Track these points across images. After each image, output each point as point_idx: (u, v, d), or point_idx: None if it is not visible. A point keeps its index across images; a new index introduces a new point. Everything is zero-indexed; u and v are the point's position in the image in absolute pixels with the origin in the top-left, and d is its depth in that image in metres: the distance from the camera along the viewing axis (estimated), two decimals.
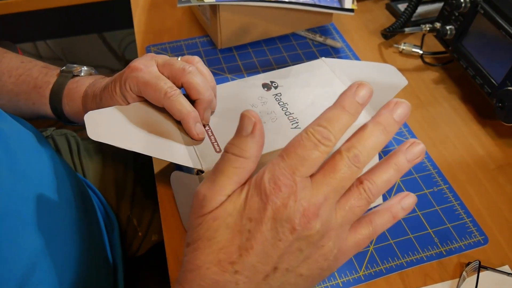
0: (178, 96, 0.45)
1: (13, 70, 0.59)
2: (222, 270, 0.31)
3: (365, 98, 0.32)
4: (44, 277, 0.43)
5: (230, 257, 0.31)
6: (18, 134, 0.48)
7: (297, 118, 0.48)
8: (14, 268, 0.40)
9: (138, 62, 0.47)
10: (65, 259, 0.47)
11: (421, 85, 0.68)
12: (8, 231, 0.40)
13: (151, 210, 0.70)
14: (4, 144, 0.43)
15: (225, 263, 0.31)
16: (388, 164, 0.33)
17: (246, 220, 0.30)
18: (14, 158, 0.44)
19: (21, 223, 0.42)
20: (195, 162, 0.44)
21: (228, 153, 0.32)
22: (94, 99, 0.52)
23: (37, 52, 1.65)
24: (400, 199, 0.35)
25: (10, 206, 0.41)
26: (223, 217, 0.31)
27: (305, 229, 0.30)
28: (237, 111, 0.49)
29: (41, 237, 0.43)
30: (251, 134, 0.32)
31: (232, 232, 0.31)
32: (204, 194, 0.32)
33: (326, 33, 0.76)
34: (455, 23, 0.64)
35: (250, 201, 0.31)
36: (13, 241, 0.40)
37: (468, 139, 0.61)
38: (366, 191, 0.32)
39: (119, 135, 0.44)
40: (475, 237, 0.51)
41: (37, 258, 0.42)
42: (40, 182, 0.47)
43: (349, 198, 0.32)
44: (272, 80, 0.52)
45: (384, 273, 0.48)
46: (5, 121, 0.47)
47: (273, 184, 0.30)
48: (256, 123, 0.32)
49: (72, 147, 0.72)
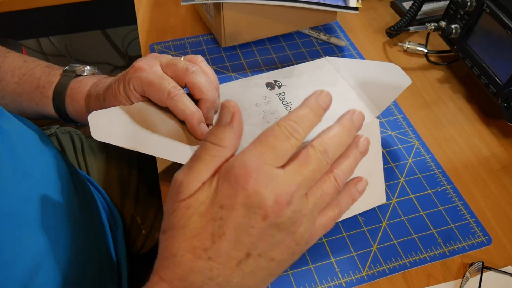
0: (182, 96, 0.45)
1: (16, 69, 0.59)
2: (196, 257, 0.31)
3: (326, 103, 0.35)
4: (48, 277, 0.43)
5: (204, 244, 0.31)
6: (21, 134, 0.48)
7: None
8: (18, 268, 0.40)
9: (142, 62, 0.47)
10: (69, 258, 0.47)
11: (426, 84, 0.68)
12: (11, 232, 0.40)
13: (155, 208, 0.70)
14: (7, 144, 0.43)
15: (199, 250, 0.31)
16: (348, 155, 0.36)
17: (218, 208, 0.31)
18: (17, 158, 0.44)
19: (25, 224, 0.42)
20: None
21: (206, 141, 0.33)
22: (97, 99, 0.52)
23: (40, 48, 1.65)
24: (356, 183, 0.38)
25: (13, 206, 0.41)
26: (195, 205, 0.32)
27: (277, 216, 0.31)
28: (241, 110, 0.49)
29: (45, 237, 0.43)
30: (229, 123, 0.33)
31: (205, 219, 0.31)
32: (181, 180, 0.33)
33: (330, 32, 0.76)
34: (461, 22, 0.64)
35: (221, 188, 0.31)
36: (16, 242, 0.40)
37: (472, 139, 0.61)
38: (336, 179, 0.35)
39: (123, 136, 0.44)
40: (478, 237, 0.51)
41: (41, 258, 0.42)
42: (43, 182, 0.47)
43: (321, 185, 0.34)
44: (275, 79, 0.52)
45: (387, 273, 0.48)
46: (8, 121, 0.47)
47: (244, 170, 0.30)
48: (234, 113, 0.33)
49: (76, 145, 0.72)
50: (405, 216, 0.52)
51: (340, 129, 0.35)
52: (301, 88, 0.51)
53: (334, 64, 0.54)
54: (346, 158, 0.36)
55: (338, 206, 0.37)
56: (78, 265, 0.48)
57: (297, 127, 0.32)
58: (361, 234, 0.50)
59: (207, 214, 0.31)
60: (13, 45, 1.37)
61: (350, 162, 0.36)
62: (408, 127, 0.61)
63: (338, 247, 0.49)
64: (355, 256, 0.49)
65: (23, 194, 0.43)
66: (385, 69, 0.54)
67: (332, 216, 0.36)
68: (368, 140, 0.38)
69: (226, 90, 0.51)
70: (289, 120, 0.33)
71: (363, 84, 0.52)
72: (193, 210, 0.32)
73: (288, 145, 0.32)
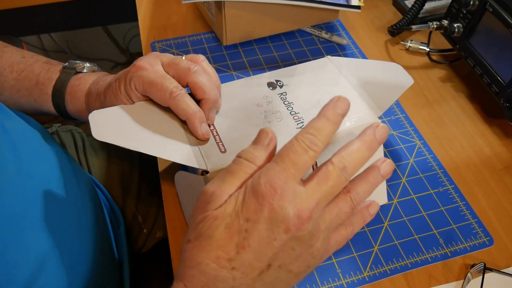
0: (184, 95, 0.45)
1: (15, 65, 0.58)
2: (221, 267, 0.33)
3: (344, 109, 0.36)
4: (52, 277, 0.43)
5: (228, 254, 0.33)
6: (23, 132, 0.48)
7: (303, 117, 0.48)
8: (21, 270, 0.40)
9: (143, 61, 0.47)
10: (73, 257, 0.47)
11: (428, 83, 0.68)
12: (15, 232, 0.40)
13: (156, 206, 0.70)
14: (10, 143, 0.43)
15: (223, 260, 0.33)
16: (368, 179, 0.37)
17: (244, 221, 0.33)
18: (20, 157, 0.44)
19: (29, 224, 0.42)
20: (200, 162, 0.44)
21: (241, 158, 0.35)
22: (98, 97, 0.51)
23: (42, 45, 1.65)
24: (368, 206, 0.39)
25: (17, 206, 0.41)
26: (222, 217, 0.33)
27: (298, 230, 0.33)
28: (242, 110, 0.49)
29: (49, 237, 0.43)
30: (266, 146, 0.36)
31: (231, 231, 0.33)
32: (213, 191, 0.34)
33: (332, 30, 0.75)
34: (463, 21, 0.64)
35: (247, 202, 0.33)
36: (20, 242, 0.40)
37: (475, 138, 0.61)
38: (352, 200, 0.36)
39: (124, 135, 0.44)
40: (480, 238, 0.51)
41: (45, 257, 0.42)
42: (47, 181, 0.47)
43: (337, 204, 0.36)
44: (277, 79, 0.52)
45: (388, 274, 0.48)
46: (10, 119, 0.47)
47: (269, 187, 0.32)
48: (272, 139, 0.36)
49: (77, 143, 0.72)
50: (407, 217, 0.52)
51: (361, 144, 0.36)
52: (303, 88, 0.51)
53: (336, 64, 0.54)
54: (365, 181, 0.37)
55: (351, 225, 0.38)
56: (81, 265, 0.48)
57: (315, 139, 0.34)
58: (362, 235, 0.50)
59: (233, 226, 0.33)
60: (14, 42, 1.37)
61: (368, 186, 0.37)
62: (410, 126, 0.61)
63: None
64: (356, 256, 0.49)
65: (26, 194, 0.43)
66: (387, 69, 0.54)
67: (345, 235, 0.38)
68: (392, 165, 0.38)
69: (227, 90, 0.51)
70: (306, 134, 0.34)
71: (365, 83, 0.51)
72: (220, 221, 0.33)
73: (307, 157, 0.34)
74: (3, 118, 0.45)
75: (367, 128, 0.37)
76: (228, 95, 0.50)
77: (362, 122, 0.48)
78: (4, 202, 0.39)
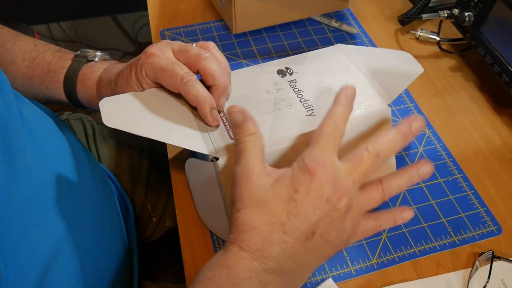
0: (195, 81, 0.45)
1: (27, 53, 0.58)
2: (274, 230, 0.36)
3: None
4: (67, 262, 0.44)
5: (281, 219, 0.36)
6: (39, 120, 0.49)
7: (312, 105, 0.48)
8: (41, 252, 0.41)
9: (154, 48, 0.47)
10: (86, 244, 0.47)
11: (438, 73, 0.67)
12: (33, 216, 0.40)
13: (165, 195, 0.70)
14: (28, 130, 0.44)
15: (276, 225, 0.36)
16: (403, 176, 0.41)
17: (293, 191, 0.37)
18: (37, 143, 0.44)
19: (46, 208, 0.42)
20: (210, 149, 0.44)
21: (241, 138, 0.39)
22: (108, 85, 0.52)
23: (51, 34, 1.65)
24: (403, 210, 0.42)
25: (35, 190, 0.41)
26: (273, 188, 0.37)
27: (337, 201, 0.37)
28: (252, 97, 0.49)
29: (64, 222, 0.44)
30: (245, 118, 0.40)
31: (282, 200, 0.37)
32: (253, 167, 0.38)
33: (342, 19, 0.75)
34: (474, 10, 0.63)
35: (296, 176, 0.37)
36: (38, 226, 0.41)
37: (484, 128, 0.61)
38: (383, 190, 0.40)
39: (134, 122, 0.45)
40: (488, 227, 0.51)
41: (60, 242, 0.43)
42: (61, 166, 0.47)
43: (370, 191, 0.40)
44: (287, 67, 0.52)
45: (396, 262, 0.48)
46: (26, 107, 0.48)
47: (313, 163, 0.37)
48: (242, 111, 0.40)
49: (87, 132, 0.72)
50: (415, 205, 0.52)
51: (396, 134, 0.40)
52: (312, 75, 0.51)
53: (345, 52, 0.54)
54: (400, 176, 0.41)
55: (379, 219, 0.41)
56: (94, 251, 0.49)
57: (338, 121, 0.40)
58: None
59: (283, 196, 0.37)
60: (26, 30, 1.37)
61: (402, 181, 0.41)
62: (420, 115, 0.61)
63: None
64: (365, 244, 0.49)
65: (44, 178, 0.43)
66: (397, 57, 0.54)
67: (373, 225, 0.41)
68: (432, 167, 0.41)
69: (237, 77, 0.51)
70: (330, 119, 0.40)
71: (375, 71, 0.51)
72: (272, 192, 0.37)
73: (337, 135, 0.39)
74: (20, 105, 0.45)
75: (404, 119, 0.40)
76: (237, 82, 0.50)
77: (372, 109, 0.48)
78: (23, 185, 0.40)
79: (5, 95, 0.41)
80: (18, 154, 0.40)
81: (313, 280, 0.47)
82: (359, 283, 0.47)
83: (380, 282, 0.47)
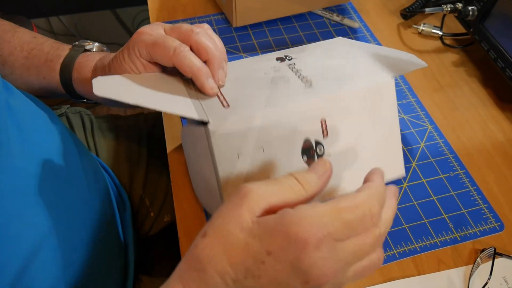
0: (188, 52, 0.44)
1: (25, 44, 0.58)
2: (224, 284, 0.31)
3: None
4: (51, 255, 0.43)
5: (236, 275, 0.31)
6: (29, 112, 0.48)
7: (311, 80, 0.46)
8: (22, 244, 0.40)
9: (145, 27, 0.47)
10: (73, 238, 0.47)
11: (441, 67, 0.67)
12: (16, 208, 0.40)
13: (164, 190, 0.70)
14: (14, 121, 0.43)
15: (229, 278, 0.31)
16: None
17: (265, 251, 0.30)
18: (25, 135, 0.44)
19: (30, 201, 0.42)
20: (201, 114, 0.43)
21: (292, 176, 0.33)
22: (103, 70, 0.51)
23: (50, 27, 1.64)
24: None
25: (19, 182, 0.41)
26: (249, 232, 0.31)
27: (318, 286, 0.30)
28: (249, 78, 0.48)
29: (48, 215, 0.43)
30: (320, 175, 0.34)
31: (248, 252, 0.30)
32: (251, 189, 0.32)
33: (344, 13, 0.74)
34: (478, 4, 0.62)
35: (276, 234, 0.30)
36: (21, 218, 0.40)
37: (487, 123, 0.60)
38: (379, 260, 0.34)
39: (125, 91, 0.44)
40: (490, 223, 0.50)
41: (44, 235, 0.43)
42: (51, 160, 0.47)
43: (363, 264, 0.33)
44: (286, 54, 0.51)
45: (397, 258, 0.47)
46: (16, 98, 0.47)
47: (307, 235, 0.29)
48: (328, 171, 0.35)
49: (86, 126, 0.72)
50: (417, 201, 0.52)
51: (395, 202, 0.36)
52: (313, 59, 0.50)
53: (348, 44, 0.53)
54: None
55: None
56: (82, 245, 0.48)
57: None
58: None
59: (252, 248, 0.30)
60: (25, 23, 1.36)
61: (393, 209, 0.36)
62: (421, 110, 0.60)
63: None
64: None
65: (29, 171, 0.43)
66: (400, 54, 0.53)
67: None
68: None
69: (234, 65, 0.50)
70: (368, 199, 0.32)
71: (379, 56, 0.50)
72: (245, 235, 0.31)
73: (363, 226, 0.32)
74: (8, 95, 0.45)
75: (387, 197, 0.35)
76: (234, 67, 0.49)
77: (376, 81, 0.47)
78: (6, 177, 0.39)
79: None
80: (2, 146, 0.40)
81: None
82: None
83: (380, 278, 0.46)
